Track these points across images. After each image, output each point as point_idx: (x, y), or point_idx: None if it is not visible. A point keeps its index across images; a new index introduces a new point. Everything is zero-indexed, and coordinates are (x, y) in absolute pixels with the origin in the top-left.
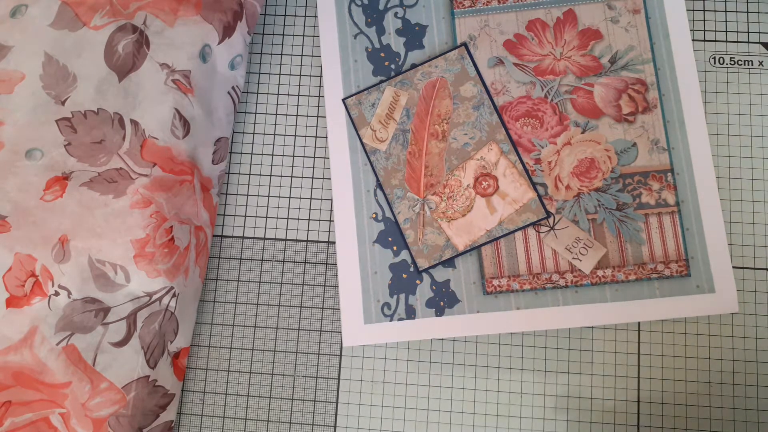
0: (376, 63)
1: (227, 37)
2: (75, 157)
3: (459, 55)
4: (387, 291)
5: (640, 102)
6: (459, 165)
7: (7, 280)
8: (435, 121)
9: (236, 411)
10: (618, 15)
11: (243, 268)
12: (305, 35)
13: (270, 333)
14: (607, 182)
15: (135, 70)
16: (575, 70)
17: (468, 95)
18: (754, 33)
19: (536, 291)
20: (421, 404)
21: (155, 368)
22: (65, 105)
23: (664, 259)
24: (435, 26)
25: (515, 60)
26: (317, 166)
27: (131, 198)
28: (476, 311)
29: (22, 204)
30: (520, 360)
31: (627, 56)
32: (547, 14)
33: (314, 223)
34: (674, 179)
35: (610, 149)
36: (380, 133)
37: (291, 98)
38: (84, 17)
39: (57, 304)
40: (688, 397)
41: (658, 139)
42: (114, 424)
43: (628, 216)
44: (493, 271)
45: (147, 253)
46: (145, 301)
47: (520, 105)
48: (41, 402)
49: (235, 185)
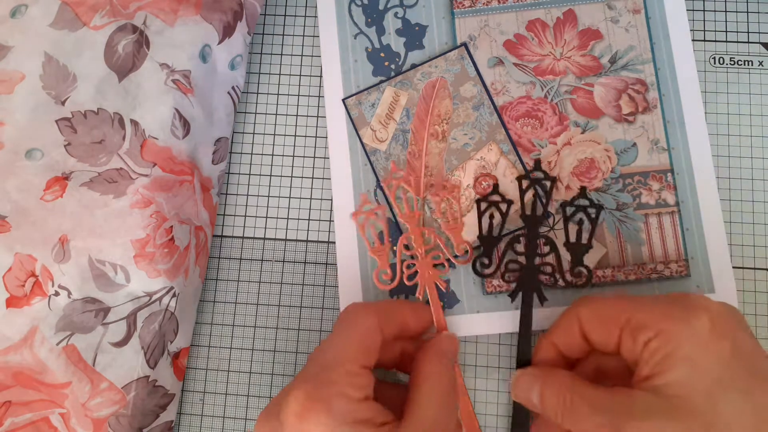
0: (376, 63)
1: (227, 37)
2: (75, 157)
3: (459, 55)
4: (387, 291)
5: (640, 102)
6: (459, 165)
7: (7, 280)
8: (435, 121)
9: (236, 411)
10: (618, 15)
11: (243, 268)
12: (305, 35)
13: (270, 333)
14: (607, 182)
15: (135, 70)
16: (575, 70)
17: (468, 95)
18: (754, 33)
19: None
20: None
21: (155, 368)
22: (65, 105)
23: (664, 259)
24: (435, 26)
25: (515, 60)
26: (317, 166)
27: (131, 198)
28: (476, 311)
29: (22, 204)
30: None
31: (627, 56)
32: (547, 14)
33: (314, 223)
34: (674, 179)
35: (610, 149)
36: (380, 133)
37: (291, 98)
38: (84, 17)
39: (57, 304)
40: None
41: (658, 139)
42: (114, 424)
43: (628, 216)
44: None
45: (147, 253)
46: (145, 301)
47: (520, 105)
48: (41, 402)
49: (235, 185)
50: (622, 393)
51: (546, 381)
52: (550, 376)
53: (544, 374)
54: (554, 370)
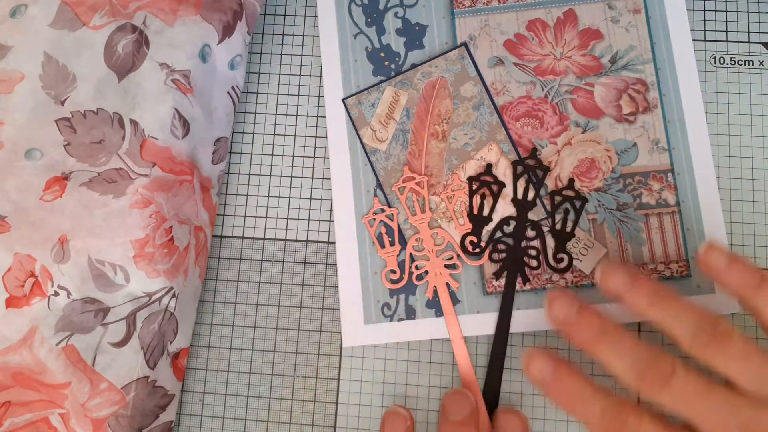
0: (376, 63)
1: (227, 37)
2: (74, 157)
3: (459, 55)
4: (387, 291)
5: (640, 102)
6: (459, 165)
7: (7, 280)
8: (435, 121)
9: (236, 411)
10: (618, 15)
11: (243, 268)
12: (305, 35)
13: (270, 333)
14: (607, 182)
15: (135, 70)
16: (575, 70)
17: (468, 95)
18: (754, 33)
19: (536, 291)
20: (421, 404)
21: (155, 368)
22: (65, 105)
23: (665, 260)
24: (435, 26)
25: (515, 60)
26: (317, 166)
27: (131, 198)
28: (476, 312)
29: (22, 204)
30: (520, 360)
31: (627, 56)
32: (548, 14)
33: (314, 223)
34: (674, 179)
35: (611, 149)
36: (380, 133)
37: (291, 98)
38: (84, 17)
39: (56, 305)
40: None
41: (658, 139)
42: (114, 424)
43: (628, 216)
44: (493, 275)
45: (146, 253)
46: (144, 302)
47: (521, 105)
48: (41, 402)
49: (235, 185)
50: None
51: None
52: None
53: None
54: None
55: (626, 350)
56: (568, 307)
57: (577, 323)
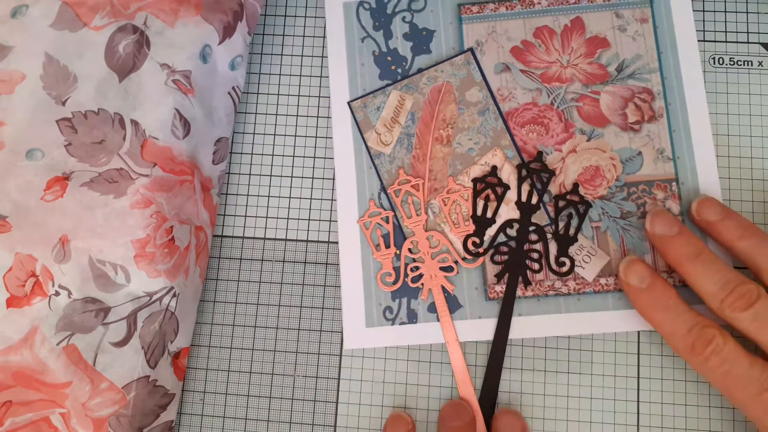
0: (382, 67)
1: (228, 38)
2: (75, 157)
3: (465, 60)
4: (389, 295)
5: (646, 111)
6: (463, 170)
7: (8, 280)
8: (440, 125)
9: (236, 411)
10: (626, 23)
11: (243, 268)
12: (305, 36)
13: (270, 333)
14: (611, 190)
15: (135, 71)
16: (582, 78)
17: (473, 100)
18: (754, 33)
19: (538, 298)
20: (421, 404)
21: (155, 368)
22: (66, 105)
23: (667, 269)
24: (442, 31)
25: (522, 66)
26: (317, 166)
27: (131, 198)
28: (478, 317)
29: (23, 204)
30: (519, 360)
31: (634, 65)
32: (555, 21)
33: (314, 223)
34: (679, 189)
35: (615, 157)
36: (385, 136)
37: (291, 98)
38: (85, 18)
39: (57, 304)
40: (688, 397)
41: (663, 149)
42: (114, 424)
43: (632, 225)
44: (495, 277)
45: (147, 253)
46: (145, 301)
47: (526, 111)
48: (42, 402)
49: (235, 185)
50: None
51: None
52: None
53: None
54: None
55: (717, 272)
56: (670, 224)
57: (676, 240)
